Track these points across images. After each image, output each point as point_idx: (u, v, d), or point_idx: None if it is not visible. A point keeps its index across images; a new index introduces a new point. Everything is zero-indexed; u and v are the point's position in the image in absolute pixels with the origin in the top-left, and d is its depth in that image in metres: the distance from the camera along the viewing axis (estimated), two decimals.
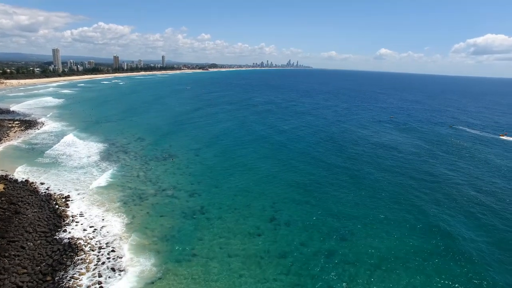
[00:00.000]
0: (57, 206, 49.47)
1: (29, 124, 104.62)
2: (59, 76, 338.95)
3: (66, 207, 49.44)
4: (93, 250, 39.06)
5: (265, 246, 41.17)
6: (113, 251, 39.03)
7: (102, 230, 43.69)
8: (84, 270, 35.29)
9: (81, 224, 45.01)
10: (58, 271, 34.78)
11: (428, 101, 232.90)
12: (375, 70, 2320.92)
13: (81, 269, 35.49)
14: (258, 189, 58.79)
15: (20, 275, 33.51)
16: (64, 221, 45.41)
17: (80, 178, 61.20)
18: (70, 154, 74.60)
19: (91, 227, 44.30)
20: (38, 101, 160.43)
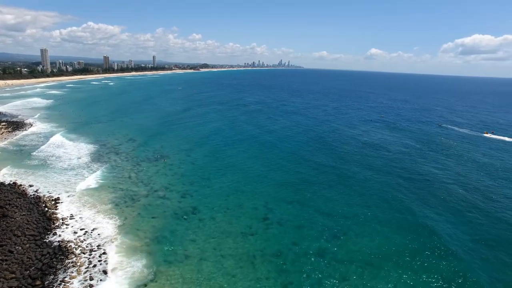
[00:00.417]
0: (46, 208, 48.78)
1: (17, 125, 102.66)
2: (48, 76, 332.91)
3: (55, 209, 48.82)
4: (84, 253, 38.68)
5: (258, 246, 41.40)
6: (104, 253, 38.72)
7: (93, 232, 43.28)
8: (75, 274, 34.93)
9: (72, 226, 44.49)
10: (48, 275, 34.30)
11: (418, 101, 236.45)
12: (366, 70, 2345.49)
13: (72, 272, 35.11)
14: (250, 189, 58.99)
15: (8, 280, 32.94)
16: (54, 224, 44.82)
17: (70, 179, 60.43)
18: (60, 156, 73.56)
19: (82, 229, 43.83)
20: (26, 102, 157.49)
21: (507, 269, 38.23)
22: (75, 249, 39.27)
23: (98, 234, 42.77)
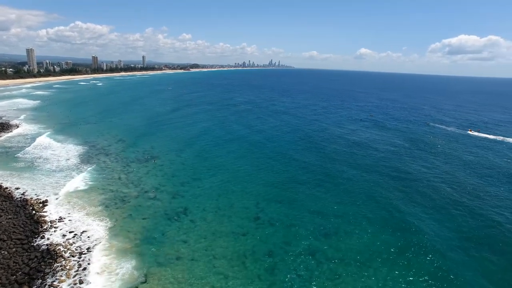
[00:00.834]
0: (34, 211, 47.88)
1: (1, 126, 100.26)
2: (35, 77, 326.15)
3: (44, 212, 47.95)
4: (74, 256, 38.12)
5: (250, 246, 41.52)
6: (94, 256, 38.20)
7: (83, 235, 42.68)
8: (64, 277, 34.40)
9: (61, 229, 43.77)
10: (36, 280, 33.66)
11: (406, 100, 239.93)
12: (356, 70, 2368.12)
13: (61, 276, 34.57)
14: (240, 189, 59.06)
15: None
16: (42, 227, 44.03)
17: (59, 181, 59.42)
18: (47, 157, 72.21)
19: (71, 232, 43.18)
20: (11, 102, 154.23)
21: (491, 265, 39.22)
22: (64, 252, 38.67)
23: (88, 237, 42.22)
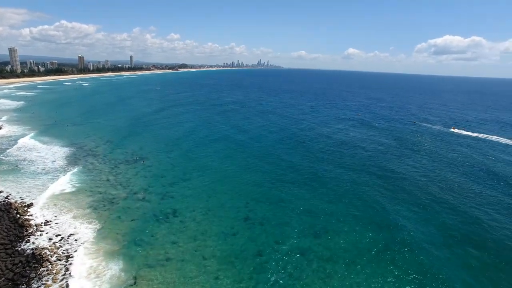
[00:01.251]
0: (18, 215, 46.73)
1: None
2: (18, 77, 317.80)
3: (29, 215, 46.86)
4: (60, 260, 37.41)
5: (241, 246, 41.56)
6: (82, 259, 37.55)
7: (70, 238, 41.91)
8: (50, 282, 33.73)
9: (47, 233, 42.89)
10: (20, 285, 32.91)
11: (393, 99, 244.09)
12: (344, 69, 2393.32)
13: (47, 280, 33.89)
14: (230, 189, 59.03)
15: None
16: (27, 230, 43.03)
17: (45, 184, 58.11)
18: (32, 160, 70.53)
19: (58, 235, 42.34)
20: None
21: (474, 261, 40.32)
22: (51, 256, 37.92)
23: (76, 240, 41.49)
